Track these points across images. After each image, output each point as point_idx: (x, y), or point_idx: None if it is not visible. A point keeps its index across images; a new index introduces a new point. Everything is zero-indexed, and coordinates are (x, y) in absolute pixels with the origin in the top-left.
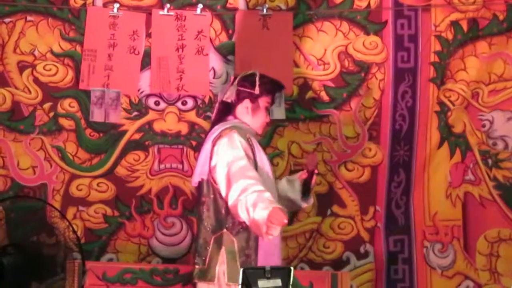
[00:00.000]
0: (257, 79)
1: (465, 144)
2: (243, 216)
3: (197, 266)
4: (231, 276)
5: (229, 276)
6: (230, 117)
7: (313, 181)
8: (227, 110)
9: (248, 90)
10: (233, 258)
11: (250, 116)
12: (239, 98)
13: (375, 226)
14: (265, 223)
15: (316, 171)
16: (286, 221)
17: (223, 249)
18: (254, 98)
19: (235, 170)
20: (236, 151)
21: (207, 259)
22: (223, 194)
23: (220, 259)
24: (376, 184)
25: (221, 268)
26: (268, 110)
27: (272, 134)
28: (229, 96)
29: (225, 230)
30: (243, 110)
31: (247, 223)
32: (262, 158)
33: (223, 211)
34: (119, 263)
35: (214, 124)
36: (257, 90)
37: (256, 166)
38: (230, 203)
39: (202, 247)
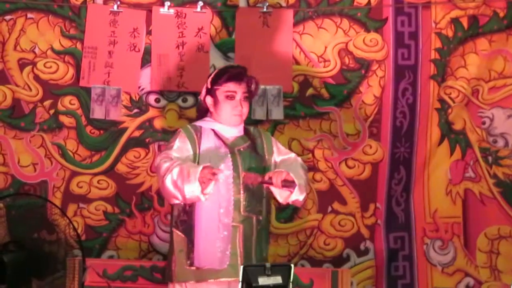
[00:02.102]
0: (212, 74)
1: (465, 141)
2: (174, 192)
3: None
4: None
5: None
6: (206, 117)
7: (275, 179)
8: (206, 111)
9: (204, 87)
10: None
11: (213, 111)
12: (205, 98)
13: (375, 223)
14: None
15: (262, 180)
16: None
17: None
18: (212, 93)
19: (159, 159)
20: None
21: None
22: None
23: None
24: (376, 181)
25: None
26: (235, 100)
27: (273, 132)
28: (201, 96)
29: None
30: (210, 108)
31: (180, 198)
32: (209, 156)
33: None
34: (119, 260)
35: None
36: (208, 84)
37: (197, 157)
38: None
39: None
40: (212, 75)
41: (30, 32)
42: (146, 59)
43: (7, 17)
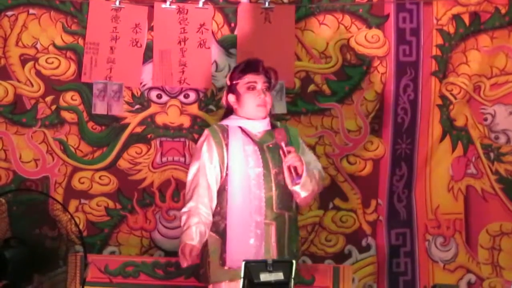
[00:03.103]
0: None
1: (467, 137)
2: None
3: None
4: None
5: None
6: (231, 115)
7: (287, 159)
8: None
9: (225, 89)
10: None
11: (238, 107)
12: (227, 98)
13: (377, 219)
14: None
15: (285, 146)
16: (185, 263)
17: None
18: (232, 90)
19: (189, 187)
20: (195, 165)
21: None
22: None
23: None
24: (378, 178)
25: None
26: (256, 90)
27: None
28: (223, 100)
29: None
30: (234, 105)
31: None
32: (239, 156)
33: None
34: (121, 256)
35: None
36: (227, 81)
37: (225, 159)
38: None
39: None
40: (229, 73)
41: (32, 28)
42: (148, 55)
43: (9, 13)
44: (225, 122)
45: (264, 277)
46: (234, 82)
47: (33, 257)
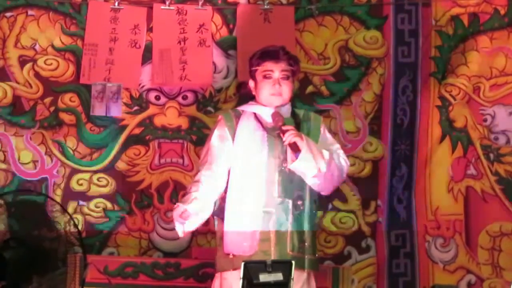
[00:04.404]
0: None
1: (467, 138)
2: None
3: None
4: None
5: None
6: (251, 101)
7: (286, 136)
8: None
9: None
10: None
11: (256, 94)
12: (249, 83)
13: (376, 220)
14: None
15: (282, 126)
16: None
17: None
18: (253, 76)
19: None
20: (205, 146)
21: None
22: None
23: None
24: (377, 179)
25: None
26: (272, 79)
27: None
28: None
29: None
30: (253, 91)
31: None
32: (244, 141)
33: None
34: (120, 256)
35: None
36: (248, 67)
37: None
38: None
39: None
40: (249, 58)
41: (30, 29)
42: (146, 57)
43: (8, 14)
44: (241, 107)
45: (263, 277)
46: (253, 68)
47: (32, 258)
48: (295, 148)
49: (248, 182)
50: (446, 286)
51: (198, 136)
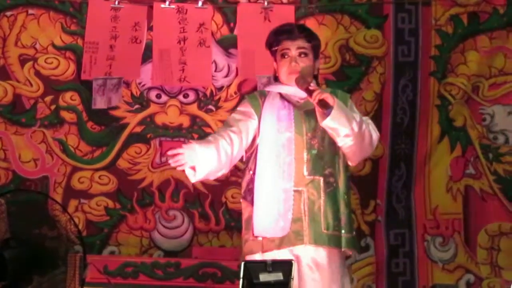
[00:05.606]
0: None
1: (466, 138)
2: None
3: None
4: None
5: None
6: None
7: (314, 95)
8: None
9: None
10: None
11: (278, 74)
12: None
13: (375, 219)
14: None
15: (308, 88)
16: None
17: None
18: (274, 56)
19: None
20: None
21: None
22: None
23: None
24: (377, 178)
25: None
26: (288, 57)
27: None
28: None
29: None
30: (276, 71)
31: None
32: (270, 120)
33: None
34: (120, 256)
35: None
36: (266, 48)
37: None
38: None
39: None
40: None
41: (31, 28)
42: (147, 55)
43: (8, 13)
44: (268, 88)
45: (264, 277)
46: (272, 49)
47: (32, 257)
48: (325, 105)
49: (276, 161)
50: (445, 285)
51: (199, 134)
